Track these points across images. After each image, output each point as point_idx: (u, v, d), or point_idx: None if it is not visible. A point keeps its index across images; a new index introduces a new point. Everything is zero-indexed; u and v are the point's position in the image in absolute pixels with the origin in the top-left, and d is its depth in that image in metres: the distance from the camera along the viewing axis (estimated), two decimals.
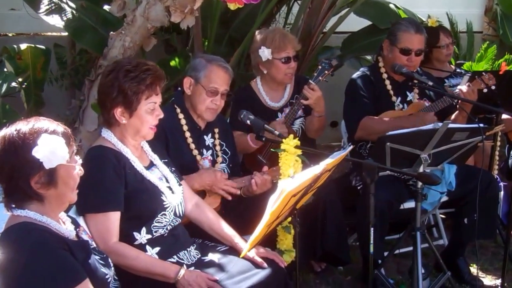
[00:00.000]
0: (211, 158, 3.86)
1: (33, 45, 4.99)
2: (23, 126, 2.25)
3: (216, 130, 3.92)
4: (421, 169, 3.64)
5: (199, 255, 3.19)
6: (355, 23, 5.78)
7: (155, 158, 3.23)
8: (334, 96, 4.89)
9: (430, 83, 4.12)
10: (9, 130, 2.24)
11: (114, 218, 2.94)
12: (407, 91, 4.47)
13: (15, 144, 2.21)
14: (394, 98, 4.42)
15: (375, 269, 3.68)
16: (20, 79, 4.83)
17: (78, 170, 2.36)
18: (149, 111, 3.02)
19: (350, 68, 5.63)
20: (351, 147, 3.48)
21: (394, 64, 4.28)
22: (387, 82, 4.44)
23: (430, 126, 3.62)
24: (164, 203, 3.08)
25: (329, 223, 3.95)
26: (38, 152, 2.19)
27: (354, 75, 4.54)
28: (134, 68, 2.99)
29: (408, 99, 4.46)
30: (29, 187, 2.23)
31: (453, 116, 4.32)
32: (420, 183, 3.59)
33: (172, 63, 5.18)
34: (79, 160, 2.38)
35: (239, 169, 4.09)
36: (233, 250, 3.22)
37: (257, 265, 3.08)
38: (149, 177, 3.09)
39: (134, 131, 3.06)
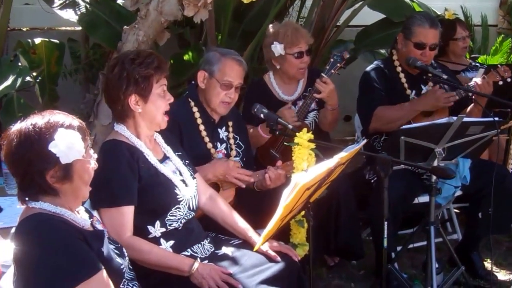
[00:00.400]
0: (225, 152, 3.86)
1: (47, 40, 5.00)
2: (38, 120, 2.24)
3: (230, 124, 3.92)
4: (435, 163, 3.62)
5: (213, 249, 3.19)
6: (369, 16, 5.76)
7: (169, 151, 3.23)
8: (348, 90, 4.88)
9: (445, 77, 4.09)
10: (25, 124, 2.24)
11: (128, 212, 2.95)
12: (422, 84, 4.43)
13: (31, 139, 2.20)
14: (408, 91, 4.39)
15: (388, 263, 3.67)
16: (34, 74, 4.85)
17: (93, 165, 2.37)
18: (161, 95, 3.03)
19: (364, 62, 5.60)
20: (365, 140, 3.46)
21: (408, 57, 4.25)
22: (402, 75, 4.41)
23: (444, 120, 3.61)
24: (178, 196, 3.08)
25: (342, 217, 3.95)
26: (54, 147, 2.19)
27: (368, 68, 4.52)
28: (137, 56, 3.01)
29: (423, 92, 4.41)
30: (44, 181, 2.23)
31: (468, 110, 4.29)
32: (434, 177, 3.56)
33: (186, 57, 5.19)
34: (93, 154, 2.38)
35: (253, 163, 4.08)
36: (247, 244, 3.21)
37: (270, 259, 3.08)
38: (163, 170, 3.09)
39: (149, 118, 3.05)
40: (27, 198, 2.28)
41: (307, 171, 2.72)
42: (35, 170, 2.21)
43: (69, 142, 2.21)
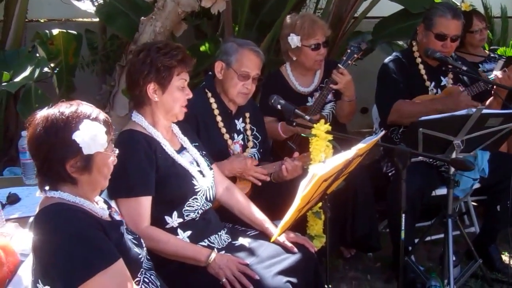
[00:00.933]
0: (242, 143, 3.86)
1: (65, 31, 5.03)
2: (66, 108, 2.25)
3: (247, 115, 3.91)
4: (453, 156, 3.59)
5: (230, 239, 3.18)
6: (386, 7, 5.70)
7: (185, 141, 3.24)
8: (365, 82, 4.85)
9: (464, 68, 4.05)
10: (52, 111, 2.24)
11: (145, 202, 2.95)
12: (441, 76, 4.39)
13: (57, 125, 2.21)
14: (428, 83, 4.35)
15: (405, 256, 3.65)
16: (52, 64, 4.87)
17: (113, 159, 2.38)
18: (180, 88, 3.04)
19: (381, 53, 5.57)
20: (383, 132, 3.43)
21: (427, 48, 4.21)
22: (421, 66, 4.36)
23: (463, 112, 3.56)
24: (195, 187, 3.08)
25: (359, 209, 3.94)
26: (78, 137, 2.19)
27: (387, 59, 4.48)
28: (164, 46, 3.03)
29: (442, 84, 4.38)
30: (64, 170, 2.23)
31: (487, 102, 4.25)
32: (452, 169, 3.54)
33: (202, 48, 5.18)
34: (115, 149, 2.39)
35: (270, 154, 4.08)
36: (263, 235, 3.21)
37: (287, 250, 3.07)
38: (180, 161, 3.09)
39: (166, 109, 3.06)
40: (47, 187, 2.28)
41: (325, 163, 2.70)
42: (56, 157, 2.21)
43: (93, 134, 2.21)
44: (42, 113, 2.25)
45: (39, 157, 2.25)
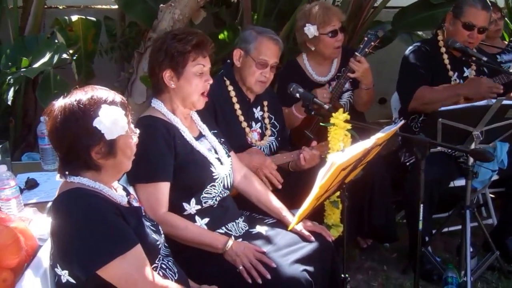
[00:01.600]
0: (260, 131, 3.85)
1: (84, 17, 5.03)
2: (82, 96, 2.24)
3: (265, 103, 3.90)
4: (472, 146, 3.57)
5: (247, 227, 3.19)
6: None
7: (204, 129, 3.24)
8: (384, 73, 4.82)
9: (485, 59, 4.03)
10: (69, 100, 2.24)
11: (163, 188, 2.96)
12: (465, 66, 4.36)
13: (76, 115, 2.20)
14: (451, 73, 4.32)
15: (422, 246, 3.63)
16: (71, 51, 4.88)
17: (135, 140, 2.38)
18: (198, 74, 3.03)
19: (401, 43, 5.52)
20: (403, 121, 3.41)
21: (447, 38, 4.18)
22: (445, 56, 4.33)
23: (483, 102, 3.54)
24: (213, 174, 3.08)
25: (377, 199, 3.92)
26: (100, 123, 2.19)
27: (411, 47, 4.46)
28: (181, 32, 3.04)
29: (465, 75, 4.35)
30: (90, 158, 2.24)
31: None
32: (471, 160, 3.53)
33: (221, 36, 5.16)
34: (135, 129, 2.39)
35: (288, 143, 4.07)
36: (281, 223, 3.22)
37: (304, 239, 3.07)
38: (199, 147, 3.10)
39: (183, 96, 3.06)
40: (67, 172, 2.29)
41: (344, 152, 2.69)
42: (81, 146, 2.22)
43: (114, 119, 2.22)
44: (59, 104, 2.25)
45: (63, 148, 2.26)
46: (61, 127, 2.22)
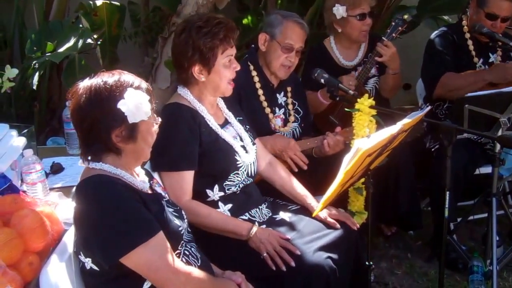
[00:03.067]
0: (283, 117, 3.83)
1: (108, 2, 5.02)
2: (109, 78, 2.24)
3: (289, 89, 3.87)
4: (499, 133, 3.50)
5: (270, 214, 3.18)
6: None
7: (230, 116, 3.22)
8: (409, 58, 4.74)
9: None
10: (96, 81, 2.23)
11: (188, 177, 2.96)
12: (490, 52, 4.29)
13: (101, 95, 2.19)
14: (476, 59, 4.26)
15: (447, 234, 3.60)
16: (95, 36, 4.88)
17: (156, 128, 2.37)
18: (227, 65, 3.00)
19: (426, 28, 5.44)
20: (429, 107, 3.37)
21: (474, 23, 4.11)
22: (470, 42, 4.28)
23: (511, 88, 3.49)
24: (238, 162, 3.07)
25: (402, 186, 3.90)
26: (124, 105, 2.18)
27: (435, 33, 4.40)
28: (205, 23, 2.95)
29: (490, 60, 4.29)
30: (110, 139, 2.23)
31: None
32: (498, 147, 3.47)
33: (245, 21, 5.14)
34: (158, 118, 2.37)
35: (311, 129, 4.04)
36: (304, 210, 3.20)
37: (328, 226, 3.06)
38: (224, 135, 3.08)
39: (213, 87, 3.04)
40: (89, 157, 2.29)
41: (369, 137, 2.66)
42: (102, 126, 2.21)
43: (138, 102, 2.20)
44: (85, 84, 2.24)
45: (84, 128, 2.25)
46: (85, 106, 2.21)
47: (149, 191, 2.43)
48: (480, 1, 4.15)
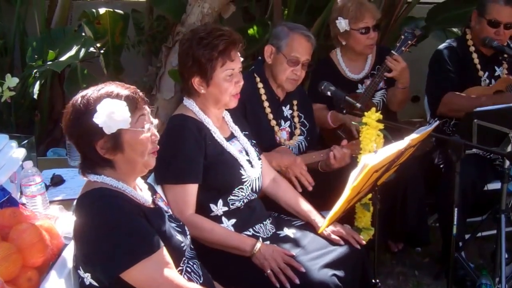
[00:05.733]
0: (289, 130, 3.78)
1: (112, 10, 4.99)
2: (90, 91, 2.22)
3: (295, 102, 3.82)
4: (509, 149, 3.46)
5: (275, 229, 3.12)
6: None
7: (236, 130, 3.18)
8: (417, 70, 4.69)
9: None
10: (76, 97, 2.23)
11: (192, 190, 2.92)
12: (496, 65, 4.25)
13: (79, 111, 2.18)
14: (481, 73, 4.21)
15: (455, 252, 3.53)
16: (98, 44, 4.84)
17: (150, 135, 2.29)
18: (227, 78, 2.94)
19: (435, 40, 5.40)
20: (438, 122, 3.33)
21: (485, 37, 4.06)
22: (475, 55, 4.23)
23: None
24: (243, 176, 3.02)
25: (409, 202, 3.83)
26: (97, 118, 2.14)
27: (440, 47, 4.35)
28: (207, 35, 2.92)
29: (496, 74, 4.24)
30: (95, 153, 2.20)
31: None
32: (507, 163, 3.44)
33: (250, 31, 5.08)
34: (151, 124, 2.30)
35: (317, 143, 3.98)
36: (309, 226, 3.15)
37: (333, 242, 3.00)
38: (229, 149, 3.04)
39: (214, 99, 3.00)
40: (89, 171, 2.26)
41: (377, 153, 2.60)
42: (85, 142, 2.20)
43: (110, 112, 2.14)
44: (73, 99, 2.24)
45: (73, 143, 2.27)
46: (70, 122, 2.22)
47: (152, 206, 2.38)
48: (480, 10, 4.13)
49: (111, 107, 2.14)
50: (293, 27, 3.63)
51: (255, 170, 3.10)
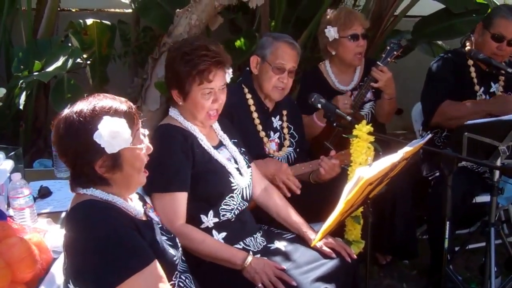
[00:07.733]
0: (278, 141, 3.76)
1: (99, 21, 4.96)
2: (84, 106, 2.14)
3: (285, 113, 3.81)
4: (498, 162, 3.45)
5: (265, 242, 3.10)
6: (427, 6, 5.51)
7: (225, 138, 3.16)
8: (401, 83, 4.69)
9: (510, 70, 3.91)
10: (70, 112, 2.14)
11: (181, 199, 2.88)
12: (493, 81, 4.24)
13: (76, 128, 2.11)
14: (477, 87, 4.19)
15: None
16: (85, 55, 4.80)
17: (145, 150, 2.26)
18: (205, 96, 2.94)
19: (419, 52, 5.43)
20: (430, 135, 3.31)
21: (471, 49, 4.07)
22: (472, 69, 4.21)
23: (510, 117, 3.44)
24: (232, 184, 3.00)
25: (398, 215, 3.82)
26: (99, 138, 2.08)
27: (437, 58, 4.35)
28: (191, 51, 2.90)
29: (491, 90, 4.23)
30: (94, 172, 2.15)
31: None
32: (497, 176, 3.42)
33: (237, 43, 5.08)
34: (145, 138, 2.27)
35: (306, 155, 3.96)
36: (300, 239, 3.12)
37: (325, 255, 2.97)
38: (217, 156, 3.02)
39: (191, 113, 3.01)
40: (79, 187, 2.20)
41: (371, 166, 2.59)
42: (84, 161, 2.13)
43: (113, 132, 2.09)
44: (63, 114, 2.16)
45: (69, 164, 2.19)
46: (63, 141, 2.14)
47: (143, 218, 2.34)
48: (486, 23, 4.11)
49: (113, 127, 2.10)
50: (277, 36, 3.65)
51: (244, 179, 3.09)
